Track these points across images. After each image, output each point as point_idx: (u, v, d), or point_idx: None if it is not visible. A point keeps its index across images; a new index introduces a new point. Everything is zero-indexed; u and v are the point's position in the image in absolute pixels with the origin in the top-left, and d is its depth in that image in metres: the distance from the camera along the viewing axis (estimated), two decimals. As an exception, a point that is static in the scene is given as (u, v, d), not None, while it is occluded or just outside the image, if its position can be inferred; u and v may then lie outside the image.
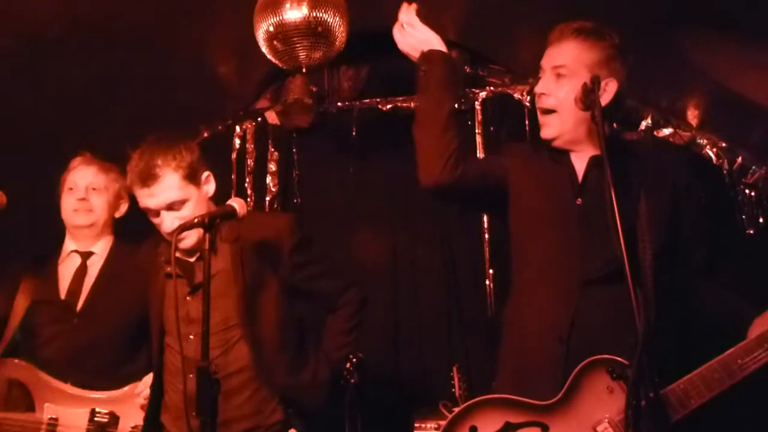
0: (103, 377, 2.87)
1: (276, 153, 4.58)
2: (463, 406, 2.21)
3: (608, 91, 2.24)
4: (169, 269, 2.44)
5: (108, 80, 3.56)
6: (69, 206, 3.02)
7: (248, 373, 2.45)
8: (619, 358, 2.01)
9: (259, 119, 4.60)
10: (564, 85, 2.23)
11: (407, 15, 2.41)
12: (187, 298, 2.47)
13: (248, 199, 4.50)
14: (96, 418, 2.80)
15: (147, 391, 2.70)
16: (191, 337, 2.40)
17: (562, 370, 2.12)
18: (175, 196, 2.37)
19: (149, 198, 2.37)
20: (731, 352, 2.07)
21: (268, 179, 4.54)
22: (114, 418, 2.80)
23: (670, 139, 3.86)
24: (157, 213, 2.40)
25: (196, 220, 2.16)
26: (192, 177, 2.42)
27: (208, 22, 3.60)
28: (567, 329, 2.15)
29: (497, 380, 2.38)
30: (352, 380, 3.64)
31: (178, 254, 2.39)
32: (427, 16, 2.44)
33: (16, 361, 2.88)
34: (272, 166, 4.56)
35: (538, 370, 2.19)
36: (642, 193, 2.21)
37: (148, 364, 2.85)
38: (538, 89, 2.30)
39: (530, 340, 2.24)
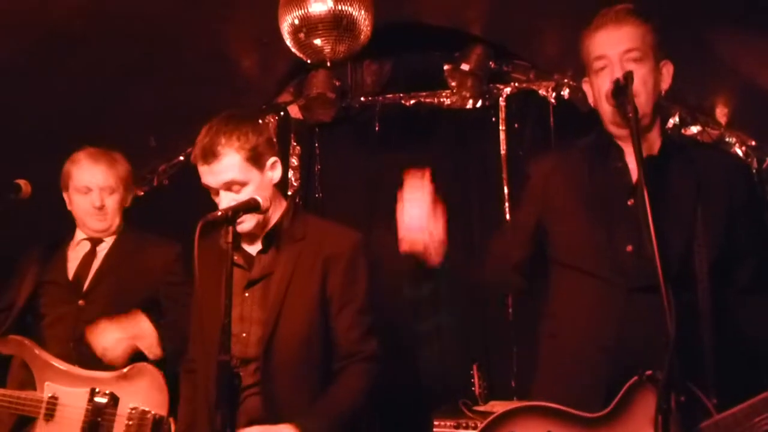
0: None
1: (298, 147, 4.58)
2: (504, 410, 2.11)
3: (667, 73, 2.17)
4: (235, 257, 2.34)
5: (130, 74, 3.58)
6: (85, 210, 3.06)
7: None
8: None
9: (282, 113, 4.59)
10: (641, 68, 2.10)
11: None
12: (245, 294, 2.40)
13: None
14: (95, 399, 2.80)
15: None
16: (244, 335, 2.34)
17: (605, 382, 2.03)
18: (234, 176, 2.28)
19: (209, 175, 2.30)
20: None
21: (290, 173, 4.54)
22: (113, 399, 2.80)
23: (698, 137, 3.80)
24: (216, 192, 2.33)
25: (219, 213, 2.13)
26: (255, 160, 2.31)
27: (231, 16, 3.60)
28: (612, 338, 2.06)
29: (535, 390, 2.30)
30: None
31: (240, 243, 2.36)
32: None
33: (18, 338, 2.90)
34: (294, 161, 4.56)
35: (580, 381, 2.10)
36: (699, 200, 2.10)
37: None
38: (616, 76, 2.09)
39: (570, 352, 2.16)
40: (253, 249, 2.46)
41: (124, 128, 3.84)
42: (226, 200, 2.31)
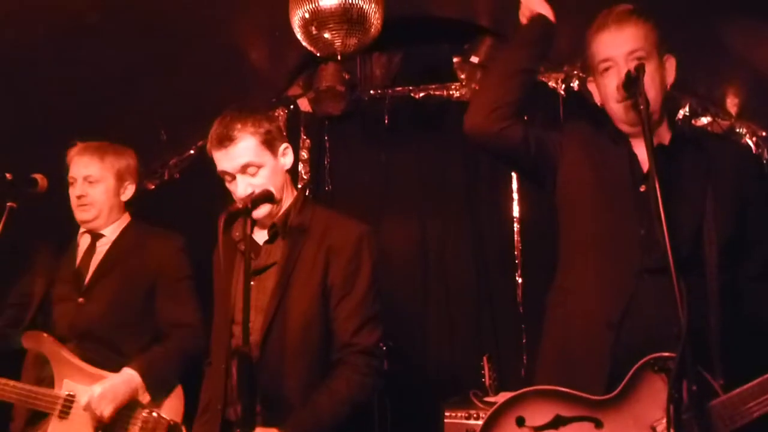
0: (108, 356, 2.86)
1: (308, 140, 4.60)
2: (511, 396, 2.11)
3: (671, 67, 2.20)
4: (243, 246, 2.35)
5: (141, 66, 3.58)
6: (72, 201, 3.04)
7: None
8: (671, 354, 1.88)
9: (292, 106, 4.61)
10: (647, 67, 2.07)
11: None
12: (251, 282, 2.37)
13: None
14: None
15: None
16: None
17: (609, 359, 2.06)
18: (250, 159, 2.33)
19: (225, 160, 2.34)
20: None
21: (300, 166, 4.56)
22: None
23: (708, 128, 3.79)
24: (232, 177, 2.36)
25: (240, 205, 2.17)
26: (269, 144, 2.37)
27: (241, 9, 3.61)
28: (619, 315, 2.08)
29: (539, 367, 2.33)
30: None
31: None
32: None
33: (39, 333, 2.88)
34: (304, 154, 4.58)
35: (584, 357, 2.12)
36: (709, 187, 2.13)
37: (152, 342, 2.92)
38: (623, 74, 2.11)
39: (576, 324, 2.18)
40: (260, 238, 2.47)
41: (135, 122, 3.85)
42: (242, 184, 2.34)
